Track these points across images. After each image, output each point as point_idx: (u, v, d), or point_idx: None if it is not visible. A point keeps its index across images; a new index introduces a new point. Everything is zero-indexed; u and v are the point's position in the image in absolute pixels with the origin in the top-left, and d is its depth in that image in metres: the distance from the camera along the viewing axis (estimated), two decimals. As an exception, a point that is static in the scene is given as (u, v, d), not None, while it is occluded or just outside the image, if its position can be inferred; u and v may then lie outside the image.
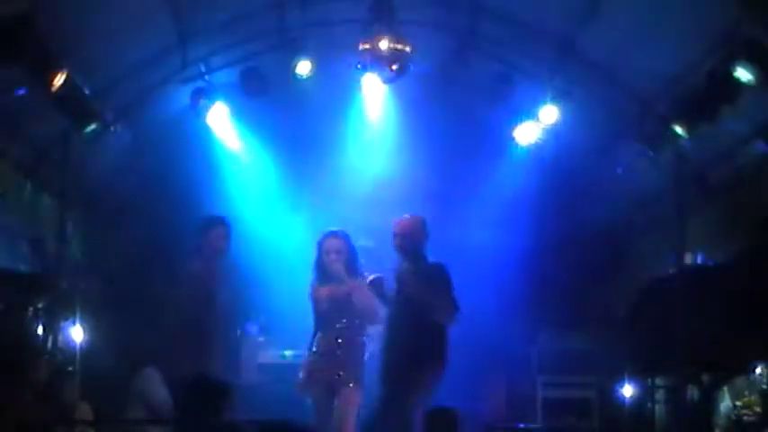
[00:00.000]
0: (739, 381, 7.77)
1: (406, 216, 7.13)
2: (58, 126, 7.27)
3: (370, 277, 6.85)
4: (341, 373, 6.64)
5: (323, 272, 6.86)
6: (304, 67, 8.53)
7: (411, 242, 6.99)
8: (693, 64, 7.33)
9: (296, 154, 9.84)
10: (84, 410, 7.64)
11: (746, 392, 7.68)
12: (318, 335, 6.83)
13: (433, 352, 6.71)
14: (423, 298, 6.68)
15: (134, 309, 8.96)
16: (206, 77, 8.65)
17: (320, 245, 6.89)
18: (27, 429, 6.79)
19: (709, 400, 7.88)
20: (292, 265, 8.71)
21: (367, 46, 8.16)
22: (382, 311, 6.87)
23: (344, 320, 6.74)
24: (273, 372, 9.01)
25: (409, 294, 6.76)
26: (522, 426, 9.41)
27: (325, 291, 6.82)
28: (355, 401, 6.67)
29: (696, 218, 8.09)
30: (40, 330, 7.41)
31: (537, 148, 9.50)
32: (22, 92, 6.59)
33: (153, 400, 8.33)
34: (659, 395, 8.87)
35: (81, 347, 7.71)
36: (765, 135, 7.24)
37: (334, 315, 6.76)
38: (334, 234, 6.90)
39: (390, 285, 6.90)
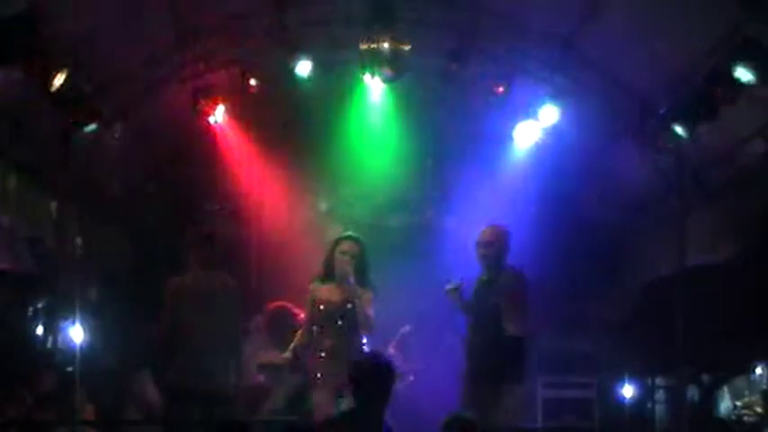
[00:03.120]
0: (739, 381, 7.79)
1: (491, 227, 7.25)
2: (58, 126, 7.27)
3: (450, 285, 6.96)
4: None
5: (330, 270, 6.81)
6: (304, 67, 8.53)
7: (495, 253, 7.09)
8: (693, 64, 7.33)
9: (296, 154, 9.83)
10: (87, 411, 7.67)
11: (746, 392, 7.70)
12: (321, 336, 6.78)
13: (513, 360, 6.84)
14: (495, 312, 6.80)
15: (133, 310, 8.98)
16: (206, 77, 8.64)
17: (336, 243, 6.84)
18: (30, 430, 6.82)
19: (710, 400, 7.90)
20: (292, 264, 8.75)
21: (367, 46, 8.16)
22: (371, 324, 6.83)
23: (345, 323, 6.71)
24: (274, 372, 8.98)
25: (485, 307, 6.89)
26: (522, 426, 9.40)
27: (325, 292, 6.78)
28: None
29: (696, 218, 8.10)
30: (39, 330, 7.42)
31: (537, 148, 9.50)
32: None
33: (148, 400, 8.37)
34: (659, 395, 8.89)
35: (81, 347, 7.71)
36: (765, 135, 7.24)
37: (335, 316, 6.72)
38: (352, 238, 6.87)
39: (468, 293, 7.06)
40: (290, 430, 7.12)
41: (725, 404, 7.95)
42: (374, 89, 9.20)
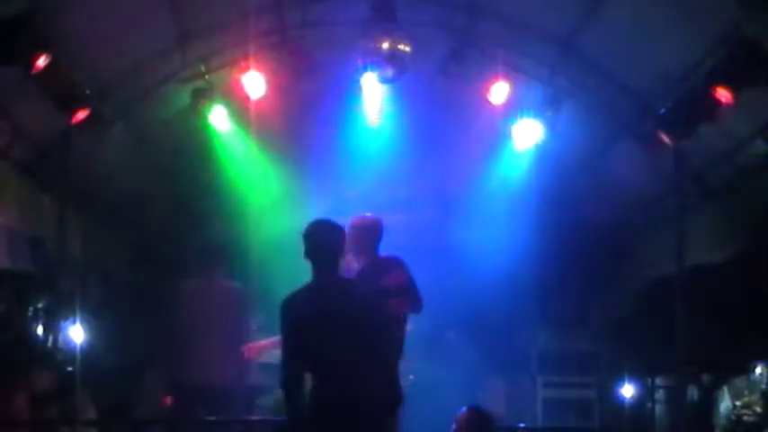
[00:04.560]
0: (739, 381, 7.79)
1: (366, 214, 7.07)
2: (58, 126, 7.27)
3: None
4: None
5: None
6: (303, 67, 8.55)
7: (366, 238, 6.93)
8: (693, 64, 7.33)
9: (296, 154, 9.83)
10: (89, 411, 7.68)
11: (746, 392, 7.69)
12: None
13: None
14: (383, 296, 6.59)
15: (133, 310, 8.98)
16: (206, 77, 8.64)
17: None
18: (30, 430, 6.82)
19: (709, 400, 7.90)
20: (292, 264, 8.74)
21: (367, 46, 8.16)
22: None
23: None
24: (276, 372, 8.98)
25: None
26: (522, 426, 9.42)
27: None
28: None
29: (696, 218, 8.09)
30: (39, 330, 7.44)
31: (537, 148, 9.50)
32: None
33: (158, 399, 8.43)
34: (659, 395, 8.89)
35: (81, 347, 7.73)
36: (765, 135, 7.24)
37: None
38: None
39: None
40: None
41: (725, 404, 7.95)
42: (374, 89, 9.20)
